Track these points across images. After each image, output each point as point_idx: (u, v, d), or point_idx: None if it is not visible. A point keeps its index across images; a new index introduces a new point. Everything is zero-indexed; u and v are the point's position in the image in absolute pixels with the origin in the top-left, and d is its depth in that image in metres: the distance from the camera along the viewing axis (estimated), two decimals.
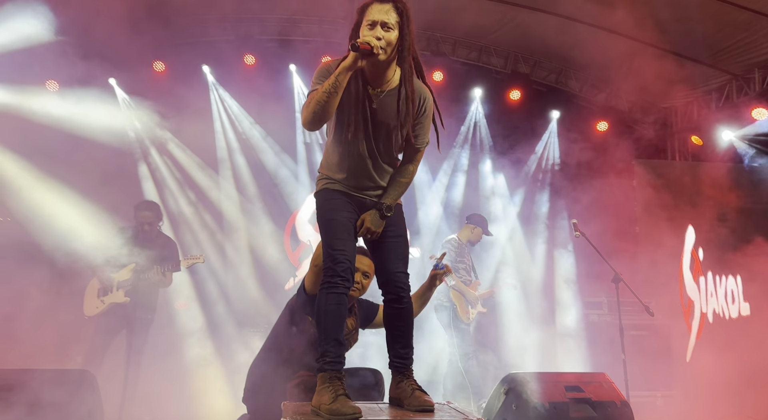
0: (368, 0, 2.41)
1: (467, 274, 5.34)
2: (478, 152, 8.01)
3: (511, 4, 7.01)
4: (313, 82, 2.41)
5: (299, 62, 7.59)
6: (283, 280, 6.91)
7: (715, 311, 6.80)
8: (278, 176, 7.40)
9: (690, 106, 8.22)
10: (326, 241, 2.44)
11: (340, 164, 2.48)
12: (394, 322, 2.50)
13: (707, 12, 6.38)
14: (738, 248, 6.73)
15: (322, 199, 2.52)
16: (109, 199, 5.64)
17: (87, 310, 4.69)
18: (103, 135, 6.47)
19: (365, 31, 2.35)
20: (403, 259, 2.54)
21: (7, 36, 5.32)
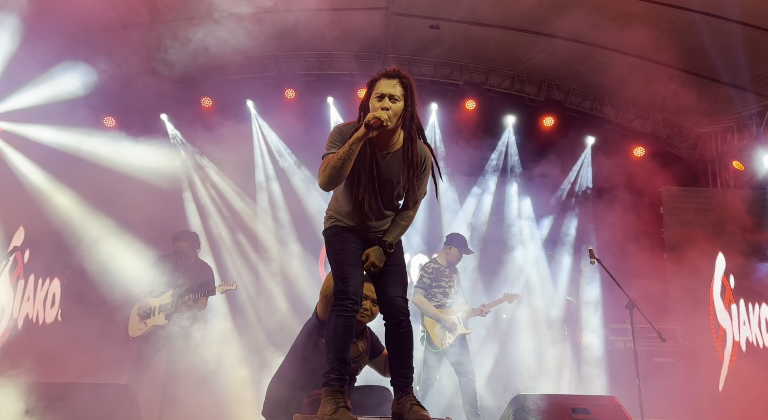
0: (377, 75, 2.74)
1: (444, 298, 5.29)
2: (509, 178, 8.14)
3: (545, 34, 7.17)
4: (328, 145, 2.72)
5: (336, 95, 7.97)
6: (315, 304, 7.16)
7: (749, 340, 6.58)
8: (312, 205, 7.73)
9: (730, 131, 8.09)
10: (337, 267, 2.70)
11: (350, 213, 2.76)
12: (396, 344, 2.71)
13: (743, 38, 6.37)
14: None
15: (331, 234, 2.80)
16: (157, 228, 6.07)
17: (131, 332, 5.10)
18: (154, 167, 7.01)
19: (374, 102, 2.66)
20: (402, 285, 2.77)
21: (59, 87, 5.93)
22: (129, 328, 5.09)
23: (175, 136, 7.71)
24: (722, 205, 7.10)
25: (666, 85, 7.61)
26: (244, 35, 6.76)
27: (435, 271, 5.32)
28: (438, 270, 5.34)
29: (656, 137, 8.44)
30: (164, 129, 7.66)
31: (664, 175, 7.70)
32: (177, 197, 7.50)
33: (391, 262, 2.78)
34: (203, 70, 7.40)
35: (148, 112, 7.26)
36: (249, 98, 7.94)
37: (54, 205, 6.15)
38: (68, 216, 6.13)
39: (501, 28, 7.21)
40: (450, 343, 5.15)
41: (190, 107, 7.64)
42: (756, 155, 7.71)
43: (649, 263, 6.83)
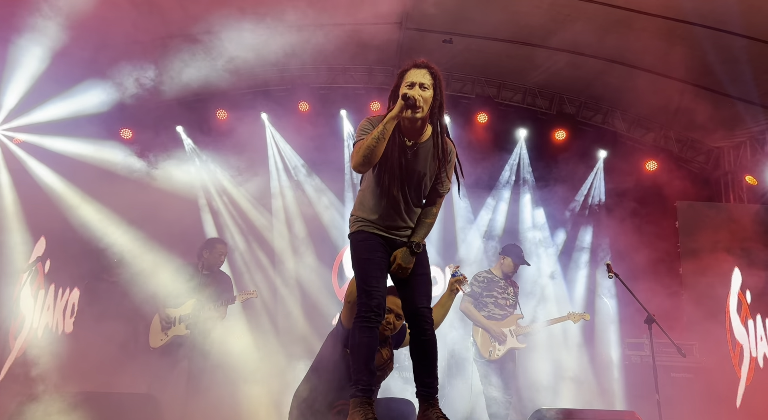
0: (407, 65, 2.80)
1: (497, 309, 5.18)
2: (522, 191, 8.16)
3: (555, 49, 7.24)
4: (358, 134, 2.78)
5: (349, 108, 8.06)
6: (330, 314, 7.20)
7: (766, 356, 6.52)
8: (326, 216, 7.81)
9: (742, 146, 8.09)
10: (361, 278, 2.72)
11: (376, 206, 2.79)
12: (420, 353, 2.73)
13: (753, 53, 6.40)
14: None
15: (357, 240, 2.82)
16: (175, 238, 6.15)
17: (153, 342, 5.13)
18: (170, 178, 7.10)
19: (405, 90, 2.73)
20: (427, 295, 2.80)
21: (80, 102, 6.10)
22: (150, 339, 5.13)
23: (190, 148, 7.79)
24: (738, 219, 7.07)
25: (678, 99, 7.64)
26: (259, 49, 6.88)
27: (487, 280, 5.23)
28: (491, 280, 5.24)
29: (668, 151, 8.45)
30: (180, 141, 7.75)
31: (677, 189, 7.70)
32: (193, 208, 7.56)
33: (416, 271, 2.80)
34: (218, 84, 7.49)
35: (163, 124, 7.35)
36: (263, 111, 8.02)
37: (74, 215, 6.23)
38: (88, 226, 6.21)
39: (512, 42, 7.28)
40: (499, 356, 5.01)
41: (206, 120, 7.74)
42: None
43: (664, 278, 6.82)
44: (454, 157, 2.89)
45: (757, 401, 6.18)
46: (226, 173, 7.73)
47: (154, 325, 5.19)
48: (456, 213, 7.88)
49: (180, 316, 5.15)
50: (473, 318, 5.14)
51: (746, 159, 8.03)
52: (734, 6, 5.79)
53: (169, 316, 5.15)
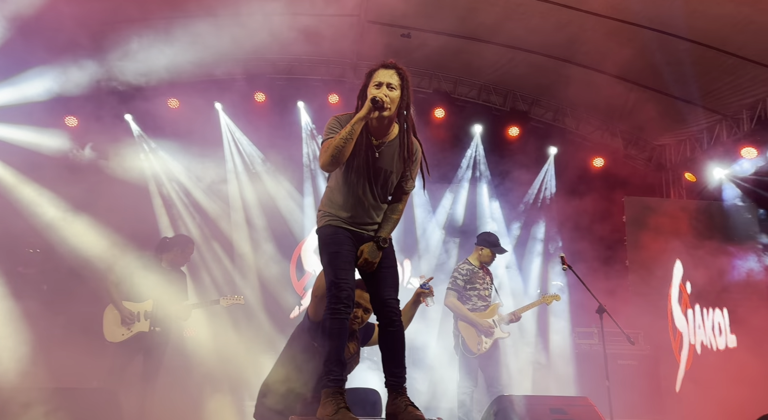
0: (375, 66, 2.86)
1: (479, 301, 5.12)
2: (478, 185, 8.33)
3: (508, 46, 7.41)
4: (326, 133, 2.81)
5: (307, 99, 8.00)
6: (289, 308, 7.16)
7: (703, 343, 6.98)
8: (285, 208, 7.73)
9: (683, 144, 8.53)
10: (330, 271, 2.75)
11: (343, 203, 2.84)
12: (388, 344, 2.79)
13: (696, 56, 6.71)
14: (724, 282, 6.96)
15: (325, 234, 2.85)
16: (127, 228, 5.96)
17: (110, 337, 4.93)
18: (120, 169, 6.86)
19: (373, 90, 2.79)
20: (394, 287, 2.87)
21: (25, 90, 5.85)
22: (106, 332, 4.94)
23: (139, 136, 7.54)
24: (679, 214, 7.48)
25: (625, 98, 7.97)
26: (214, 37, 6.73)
27: (469, 272, 5.15)
28: (472, 271, 5.17)
29: (615, 148, 8.80)
30: (129, 129, 7.49)
31: (623, 186, 8.06)
32: (144, 197, 7.34)
33: (383, 265, 2.86)
34: (171, 72, 7.28)
35: (111, 112, 7.08)
36: (217, 101, 7.85)
37: (19, 201, 5.95)
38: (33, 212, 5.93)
39: (468, 38, 7.39)
40: (487, 348, 4.98)
41: (157, 108, 7.49)
42: (706, 168, 8.16)
43: (612, 270, 7.16)
44: (420, 155, 2.96)
45: (694, 385, 6.61)
46: (178, 163, 7.52)
47: (111, 318, 4.99)
48: (416, 206, 7.99)
49: (145, 312, 4.99)
50: (459, 313, 5.06)
51: (686, 157, 8.47)
52: (679, 10, 6.06)
53: (131, 311, 4.98)
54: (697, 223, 7.36)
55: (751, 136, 7.31)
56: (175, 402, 4.79)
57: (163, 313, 4.96)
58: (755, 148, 7.24)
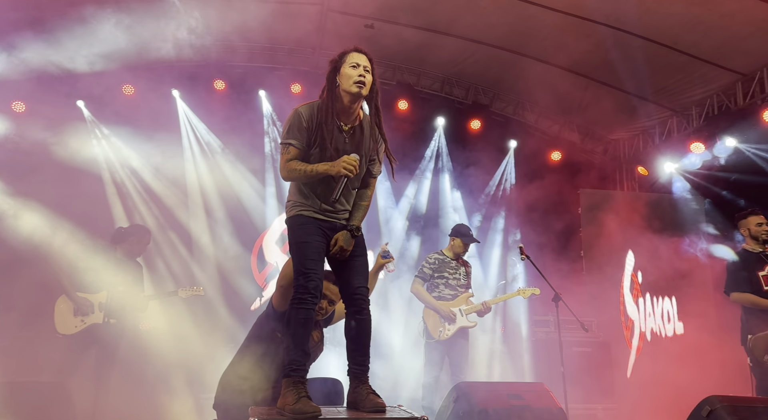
0: (347, 49, 2.91)
1: (447, 289, 5.21)
2: (441, 177, 8.42)
3: (471, 40, 7.48)
4: (287, 133, 2.81)
5: (268, 87, 7.88)
6: (250, 300, 7.08)
7: (653, 330, 7.28)
8: (246, 198, 7.61)
9: (636, 139, 8.82)
10: (299, 261, 2.74)
11: (315, 191, 2.83)
12: (355, 332, 2.80)
13: (648, 53, 6.92)
14: (673, 272, 7.27)
15: (296, 224, 2.83)
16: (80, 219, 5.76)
17: (62, 329, 4.77)
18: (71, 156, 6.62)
19: (350, 70, 2.81)
20: (365, 275, 2.90)
21: None
22: (57, 324, 4.77)
23: (93, 124, 7.29)
24: (632, 206, 7.75)
25: (581, 93, 8.18)
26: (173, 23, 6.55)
27: (438, 261, 5.26)
28: (442, 261, 5.27)
29: (572, 142, 9.04)
30: (81, 116, 7.23)
31: (579, 178, 8.29)
32: (96, 185, 7.11)
33: (354, 253, 2.87)
34: (126, 56, 7.05)
35: (62, 98, 6.82)
36: (174, 88, 7.65)
37: None
38: None
39: (429, 31, 7.42)
40: (448, 336, 5.04)
41: (111, 94, 7.25)
42: (658, 161, 8.47)
43: (567, 260, 7.37)
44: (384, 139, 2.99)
45: (644, 371, 6.90)
46: (132, 151, 7.31)
47: (62, 309, 4.83)
48: (379, 197, 8.02)
49: (99, 304, 4.85)
50: (423, 299, 5.18)
51: (639, 151, 8.76)
52: (633, 8, 6.24)
53: (86, 301, 4.84)
54: (649, 214, 7.64)
55: (699, 132, 7.62)
56: (130, 396, 4.68)
57: (118, 305, 4.83)
58: (703, 143, 7.55)
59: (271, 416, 2.40)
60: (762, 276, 4.59)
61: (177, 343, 5.74)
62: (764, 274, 4.59)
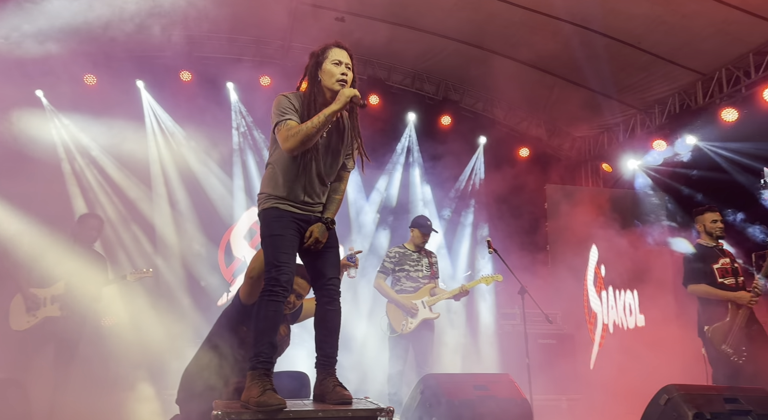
0: (328, 44, 2.88)
1: (408, 282, 5.20)
2: (411, 171, 8.46)
3: (441, 36, 7.51)
4: (281, 113, 2.76)
5: (237, 79, 7.76)
6: (216, 295, 6.98)
7: (615, 322, 7.48)
8: (214, 192, 7.49)
9: (601, 136, 9.01)
10: (272, 253, 2.71)
11: (290, 182, 2.80)
12: (326, 323, 2.79)
13: (612, 52, 7.06)
14: (635, 266, 7.48)
15: (270, 217, 2.79)
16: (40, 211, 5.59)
17: (16, 325, 4.64)
18: (30, 147, 6.40)
19: (332, 67, 2.80)
20: (337, 266, 2.91)
21: None
22: (11, 321, 4.62)
23: (52, 113, 7.06)
24: (596, 202, 7.93)
25: (548, 91, 8.31)
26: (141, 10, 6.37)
27: (398, 255, 5.24)
28: (402, 254, 5.25)
29: (539, 139, 9.18)
30: (39, 104, 6.99)
31: (546, 174, 8.44)
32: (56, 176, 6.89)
33: (327, 245, 2.88)
34: (87, 44, 6.84)
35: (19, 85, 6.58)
36: (139, 78, 7.47)
37: None
38: None
39: (400, 25, 7.42)
40: (411, 329, 5.02)
41: (72, 84, 7.02)
42: (622, 158, 8.68)
43: (533, 254, 7.50)
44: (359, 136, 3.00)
45: (606, 362, 7.08)
46: (94, 142, 7.11)
47: (17, 305, 4.69)
48: (349, 190, 7.98)
49: (52, 296, 4.71)
50: (385, 294, 5.17)
51: (604, 148, 8.95)
52: (598, 7, 6.36)
53: (36, 296, 4.69)
54: (612, 210, 7.83)
55: (661, 130, 7.83)
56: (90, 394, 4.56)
57: (74, 296, 4.70)
58: (665, 141, 7.77)
59: (234, 410, 2.37)
60: (716, 268, 4.78)
61: (140, 340, 5.62)
62: (718, 267, 4.78)
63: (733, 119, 6.76)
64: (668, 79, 7.41)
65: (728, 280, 4.71)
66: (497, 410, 3.50)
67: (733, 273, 4.75)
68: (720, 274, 4.75)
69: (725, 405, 3.28)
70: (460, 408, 3.42)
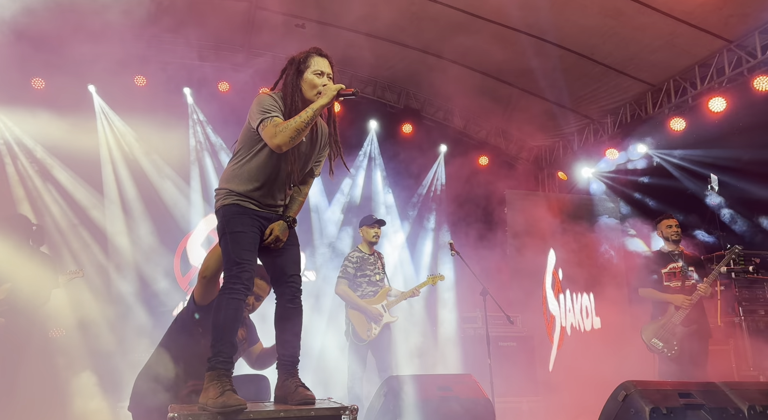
0: (309, 50, 2.88)
1: (369, 286, 5.17)
2: (374, 178, 8.51)
3: (401, 44, 7.57)
4: (265, 109, 2.72)
5: (192, 84, 7.62)
6: (172, 304, 6.77)
7: (573, 325, 7.64)
8: (169, 198, 7.30)
9: (556, 144, 9.24)
10: (233, 250, 2.64)
11: (257, 183, 2.75)
12: (287, 322, 2.74)
13: (567, 63, 7.28)
14: (590, 269, 7.67)
15: (231, 213, 2.73)
16: None
17: None
18: None
19: (314, 78, 2.80)
20: (298, 264, 2.88)
21: None
22: None
23: None
24: (554, 207, 8.11)
25: (506, 101, 8.48)
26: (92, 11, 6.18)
27: (359, 259, 5.17)
28: (362, 258, 5.19)
29: (497, 148, 9.35)
30: None
31: (505, 182, 8.58)
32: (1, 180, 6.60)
33: (288, 242, 2.85)
34: (36, 46, 6.60)
35: None
36: (91, 83, 7.24)
37: None
38: None
39: (363, 34, 7.45)
40: (376, 334, 5.01)
41: (19, 89, 6.75)
42: (576, 166, 8.92)
43: (494, 258, 7.59)
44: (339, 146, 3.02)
45: (565, 364, 7.20)
46: (40, 146, 6.84)
47: None
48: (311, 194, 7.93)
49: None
50: (350, 300, 5.09)
51: (559, 156, 9.19)
52: (552, 18, 6.54)
53: None
54: (569, 215, 8.03)
55: (613, 139, 8.10)
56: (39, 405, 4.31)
57: (18, 301, 4.45)
58: (617, 149, 8.03)
59: (192, 412, 2.28)
60: (664, 273, 5.21)
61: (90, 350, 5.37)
62: (666, 271, 5.20)
63: (681, 128, 7.06)
64: (619, 89, 7.68)
65: (673, 283, 5.14)
66: (460, 410, 3.50)
67: (681, 276, 5.13)
68: (666, 277, 5.18)
69: (680, 399, 3.37)
70: (424, 408, 3.40)
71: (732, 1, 5.82)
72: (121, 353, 5.63)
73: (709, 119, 6.59)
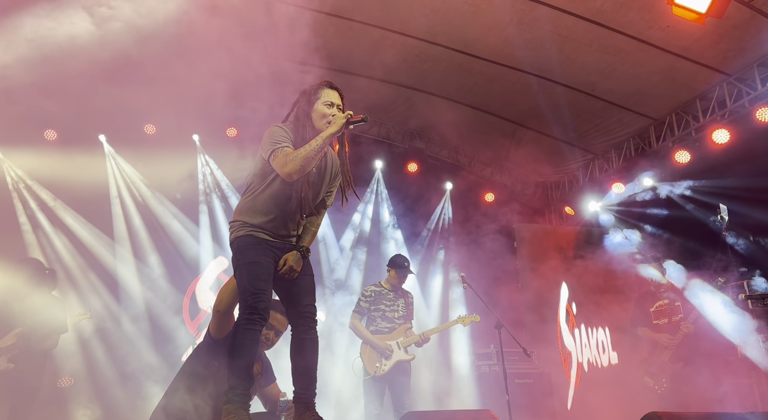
0: (321, 82, 2.98)
1: (384, 322, 5.09)
2: (381, 213, 8.55)
3: (404, 86, 7.72)
4: (275, 140, 2.80)
5: (201, 132, 7.76)
6: (182, 349, 6.68)
7: (590, 360, 7.44)
8: (180, 242, 7.34)
9: (562, 180, 9.28)
10: (249, 281, 2.64)
11: (271, 213, 2.79)
12: (302, 353, 2.70)
13: (570, 99, 7.37)
14: (604, 302, 7.53)
15: (246, 244, 2.75)
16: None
17: None
18: None
19: (325, 108, 2.90)
20: (313, 293, 2.87)
21: None
22: None
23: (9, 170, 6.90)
24: (564, 240, 8.05)
25: (510, 138, 8.58)
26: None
27: (374, 294, 5.15)
28: (378, 293, 5.15)
29: (503, 184, 9.39)
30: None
31: (513, 217, 8.59)
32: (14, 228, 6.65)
33: (303, 272, 2.84)
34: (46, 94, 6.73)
35: None
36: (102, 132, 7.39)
37: None
38: None
39: (367, 78, 7.59)
40: (385, 371, 4.90)
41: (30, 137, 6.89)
42: (583, 201, 8.92)
43: (505, 292, 7.50)
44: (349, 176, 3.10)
45: (584, 402, 6.96)
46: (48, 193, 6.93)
47: None
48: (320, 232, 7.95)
49: (1, 349, 4.38)
50: (360, 335, 5.06)
51: (566, 192, 9.20)
52: (554, 57, 6.67)
53: None
54: (579, 248, 7.96)
55: (619, 173, 8.13)
56: None
57: (28, 346, 4.39)
58: (623, 183, 8.05)
59: None
60: (652, 312, 5.43)
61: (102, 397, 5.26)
62: (653, 310, 5.41)
63: (686, 160, 7.08)
64: (622, 124, 7.76)
65: (661, 321, 5.33)
66: None
67: (668, 313, 5.31)
68: (654, 316, 5.38)
69: None
70: None
71: (729, 36, 5.95)
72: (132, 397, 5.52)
73: (713, 150, 6.62)
